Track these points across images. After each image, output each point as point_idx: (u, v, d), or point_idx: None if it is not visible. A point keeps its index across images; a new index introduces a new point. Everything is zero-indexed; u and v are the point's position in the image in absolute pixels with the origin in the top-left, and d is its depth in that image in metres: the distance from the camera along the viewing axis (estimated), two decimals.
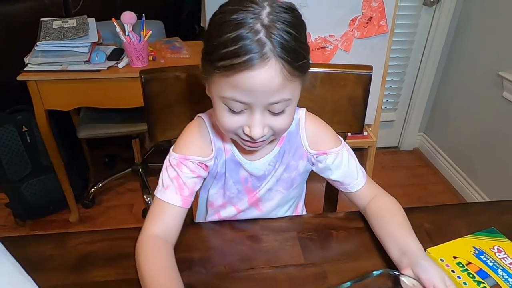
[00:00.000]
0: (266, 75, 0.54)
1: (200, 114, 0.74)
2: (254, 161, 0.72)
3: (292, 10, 0.56)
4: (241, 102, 0.57)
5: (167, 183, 0.67)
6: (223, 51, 0.53)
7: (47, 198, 1.83)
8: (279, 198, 0.79)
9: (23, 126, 1.69)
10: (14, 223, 1.83)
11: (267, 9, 0.54)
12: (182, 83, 0.80)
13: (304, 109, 0.75)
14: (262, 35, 0.53)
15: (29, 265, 0.65)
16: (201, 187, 0.76)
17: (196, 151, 0.69)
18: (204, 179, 0.75)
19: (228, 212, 0.80)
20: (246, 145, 0.64)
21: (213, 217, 0.82)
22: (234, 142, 0.70)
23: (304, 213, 0.91)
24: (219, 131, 0.70)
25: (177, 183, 0.67)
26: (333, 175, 0.75)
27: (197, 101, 0.83)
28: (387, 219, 0.69)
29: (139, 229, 0.73)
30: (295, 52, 0.55)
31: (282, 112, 0.60)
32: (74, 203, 1.82)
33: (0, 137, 1.67)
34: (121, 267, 0.64)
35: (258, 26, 0.53)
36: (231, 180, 0.74)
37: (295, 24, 0.56)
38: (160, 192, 0.67)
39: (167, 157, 0.70)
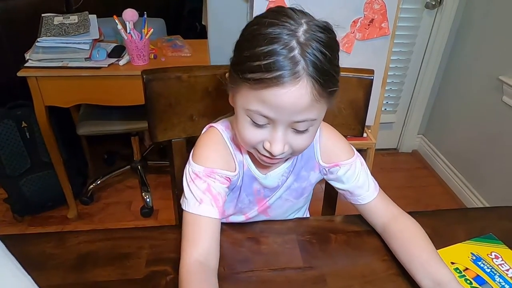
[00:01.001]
0: (296, 94, 0.52)
1: (213, 125, 0.71)
2: (269, 173, 0.71)
3: (328, 31, 0.55)
4: (265, 117, 0.56)
5: (200, 196, 0.63)
6: (255, 63, 0.52)
7: (46, 194, 1.82)
8: (287, 206, 0.78)
9: (23, 122, 1.69)
10: (13, 218, 1.83)
11: (304, 27, 0.53)
12: (184, 83, 0.80)
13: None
14: (296, 52, 0.51)
15: (29, 264, 0.65)
16: None
17: (221, 165, 0.66)
18: None
19: (237, 219, 0.80)
20: (262, 160, 0.63)
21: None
22: (249, 155, 0.69)
23: (307, 215, 0.91)
24: (237, 145, 0.69)
25: (211, 195, 0.64)
26: (344, 186, 0.73)
27: (198, 102, 0.83)
28: (413, 245, 0.66)
29: (140, 229, 0.73)
30: (328, 74, 0.54)
31: (305, 131, 0.58)
32: (73, 200, 1.82)
33: (0, 132, 1.66)
34: (121, 267, 0.64)
35: (294, 43, 0.52)
36: (244, 193, 0.74)
37: (330, 45, 0.54)
38: (193, 207, 0.63)
39: (189, 169, 0.66)
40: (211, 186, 0.64)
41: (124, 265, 0.65)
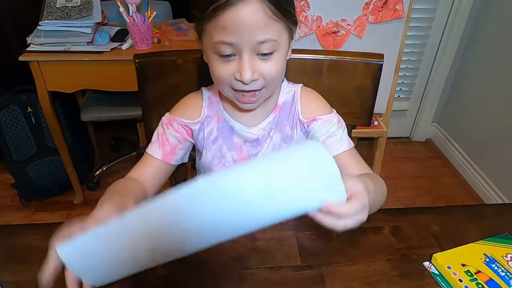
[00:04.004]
0: (248, 10, 0.55)
1: (203, 87, 0.76)
2: (248, 127, 0.73)
3: None
4: (229, 44, 0.59)
5: (154, 139, 0.74)
6: None
7: (52, 179, 1.82)
8: None
9: (28, 107, 1.68)
10: (20, 203, 1.84)
11: None
12: (179, 68, 0.76)
13: (301, 84, 0.76)
14: None
15: (16, 256, 0.63)
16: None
17: (183, 115, 0.73)
18: (193, 147, 0.79)
19: None
20: (241, 99, 0.65)
21: None
22: (227, 108, 0.73)
23: None
24: (213, 101, 0.74)
25: (162, 139, 0.73)
26: (319, 139, 0.73)
27: (194, 87, 0.78)
28: None
29: None
30: None
31: (270, 56, 0.61)
32: (79, 186, 1.82)
33: (5, 118, 1.66)
34: None
35: None
36: (225, 146, 0.75)
37: None
38: (147, 148, 0.74)
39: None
40: (165, 132, 0.73)
41: None
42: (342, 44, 1.63)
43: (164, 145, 0.73)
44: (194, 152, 0.82)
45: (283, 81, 0.75)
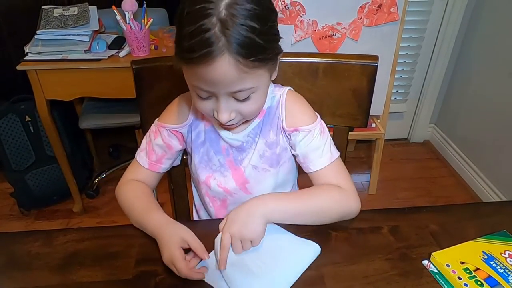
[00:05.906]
0: (221, 69, 0.55)
1: None
2: (233, 133, 0.73)
3: (256, 1, 0.55)
4: (205, 91, 0.60)
5: (142, 146, 0.77)
6: (184, 44, 0.55)
7: (51, 188, 1.82)
8: (267, 179, 0.77)
9: (26, 116, 1.68)
10: (19, 212, 1.84)
11: (226, 0, 0.53)
12: (176, 73, 0.76)
13: (288, 88, 0.75)
14: (216, 29, 0.53)
15: (15, 263, 0.63)
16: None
17: (171, 120, 0.74)
18: (183, 153, 0.81)
19: (215, 192, 0.79)
20: (221, 126, 0.68)
21: (205, 200, 0.82)
22: None
23: None
24: None
25: (148, 148, 0.76)
26: (299, 151, 0.73)
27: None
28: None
29: (130, 227, 0.71)
30: (252, 46, 0.55)
31: (247, 98, 0.61)
32: (78, 194, 1.82)
33: (4, 127, 1.66)
34: (108, 268, 0.62)
35: (214, 20, 0.53)
36: (212, 150, 0.76)
37: (256, 15, 0.54)
38: (137, 153, 0.77)
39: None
40: (152, 141, 0.75)
41: (112, 265, 0.62)
42: (338, 47, 1.65)
43: (151, 155, 0.75)
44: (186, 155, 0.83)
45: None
